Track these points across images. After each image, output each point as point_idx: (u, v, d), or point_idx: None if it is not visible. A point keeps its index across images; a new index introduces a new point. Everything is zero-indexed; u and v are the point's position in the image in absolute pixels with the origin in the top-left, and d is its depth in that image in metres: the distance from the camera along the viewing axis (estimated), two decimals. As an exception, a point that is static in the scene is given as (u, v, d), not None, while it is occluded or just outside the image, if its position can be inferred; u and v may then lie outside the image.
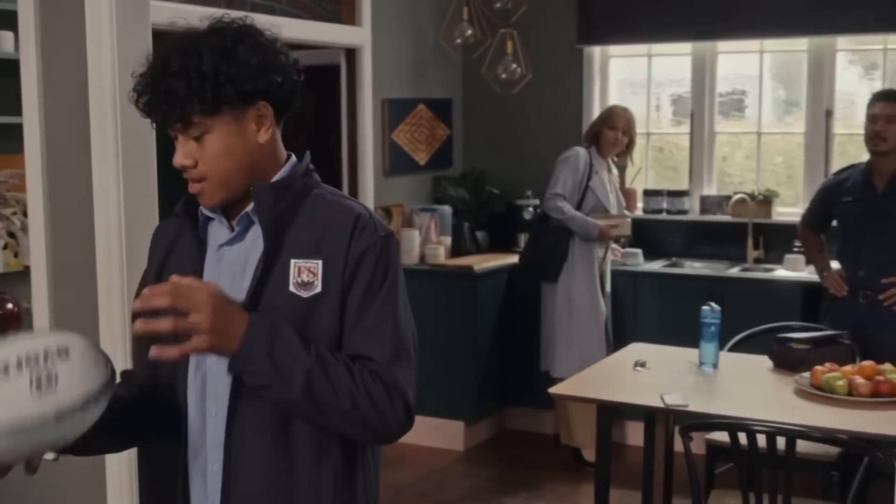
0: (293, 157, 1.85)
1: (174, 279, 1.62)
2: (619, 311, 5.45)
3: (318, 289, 1.74)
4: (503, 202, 6.09)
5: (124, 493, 2.75)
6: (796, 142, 5.76)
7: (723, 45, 5.84)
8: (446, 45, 5.91)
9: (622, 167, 5.77)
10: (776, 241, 5.59)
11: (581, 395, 3.78)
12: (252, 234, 1.80)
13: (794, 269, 5.36)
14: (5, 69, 3.49)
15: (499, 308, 5.69)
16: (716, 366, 3.88)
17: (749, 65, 5.85)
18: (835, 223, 4.62)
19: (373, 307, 1.74)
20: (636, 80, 6.18)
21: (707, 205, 5.87)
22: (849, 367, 3.57)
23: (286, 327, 1.68)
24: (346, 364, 1.69)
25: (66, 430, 1.55)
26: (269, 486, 1.75)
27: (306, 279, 1.74)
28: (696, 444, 3.37)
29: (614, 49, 6.11)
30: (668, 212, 5.93)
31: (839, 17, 5.32)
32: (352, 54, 5.39)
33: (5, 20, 3.59)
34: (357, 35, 5.35)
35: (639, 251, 5.70)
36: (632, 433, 5.46)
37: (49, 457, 1.68)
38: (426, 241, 5.68)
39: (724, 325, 3.91)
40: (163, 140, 1.91)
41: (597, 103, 6.05)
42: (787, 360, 3.85)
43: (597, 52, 6.08)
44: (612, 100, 6.01)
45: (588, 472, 5.03)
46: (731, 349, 4.25)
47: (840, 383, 3.46)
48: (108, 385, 1.59)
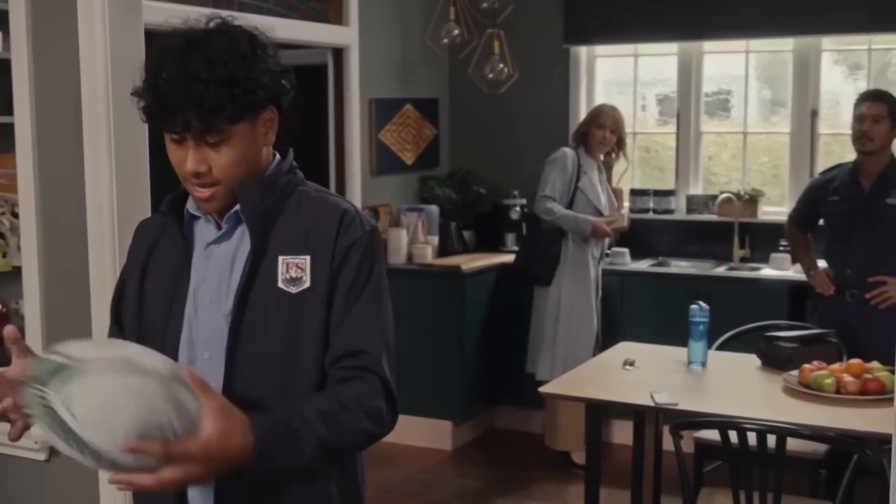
0: (277, 156, 1.86)
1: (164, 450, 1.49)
2: (608, 311, 5.45)
3: (307, 284, 1.75)
4: (490, 202, 6.10)
5: (117, 493, 2.74)
6: (782, 141, 5.79)
7: (709, 46, 5.87)
8: (433, 45, 5.92)
9: (609, 166, 5.77)
10: (762, 240, 5.62)
11: (571, 394, 3.79)
12: (239, 233, 1.81)
13: (780, 268, 5.39)
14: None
15: (486, 307, 5.69)
16: (704, 364, 3.90)
17: (735, 65, 5.88)
18: (822, 222, 4.64)
19: (360, 301, 1.76)
20: (622, 79, 6.19)
21: (693, 204, 5.90)
22: (837, 366, 3.60)
23: (282, 420, 1.62)
24: (339, 403, 1.68)
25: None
26: (261, 485, 1.75)
27: (295, 275, 1.75)
28: (685, 442, 3.39)
29: (601, 49, 6.13)
30: (655, 211, 5.96)
31: (824, 17, 5.36)
32: (339, 54, 5.39)
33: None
34: (344, 35, 5.35)
35: (626, 250, 5.72)
36: (618, 432, 5.48)
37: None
38: (413, 241, 5.68)
39: (711, 323, 3.93)
40: (155, 139, 1.90)
41: (583, 103, 6.06)
42: (775, 359, 3.88)
43: (583, 52, 6.09)
44: (599, 99, 6.00)
45: (577, 472, 5.04)
46: (719, 348, 4.28)
47: (828, 381, 3.48)
48: None
